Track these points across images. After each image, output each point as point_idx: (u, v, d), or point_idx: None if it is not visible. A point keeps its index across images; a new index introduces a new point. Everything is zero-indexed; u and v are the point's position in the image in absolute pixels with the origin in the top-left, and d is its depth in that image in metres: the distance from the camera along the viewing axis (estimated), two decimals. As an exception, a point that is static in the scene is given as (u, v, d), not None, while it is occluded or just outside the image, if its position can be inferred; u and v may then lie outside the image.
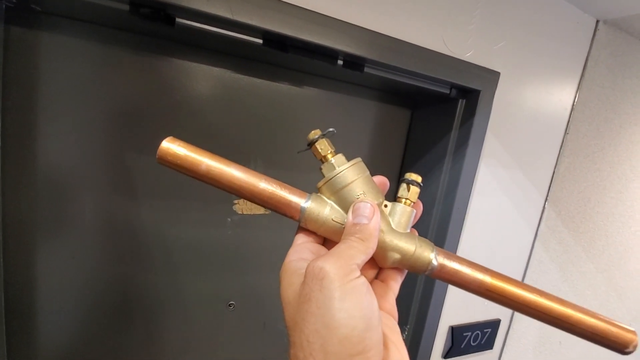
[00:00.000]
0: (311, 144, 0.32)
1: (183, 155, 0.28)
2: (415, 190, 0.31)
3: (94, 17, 0.53)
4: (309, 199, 0.29)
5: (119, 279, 0.65)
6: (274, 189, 0.29)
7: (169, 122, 0.62)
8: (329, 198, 0.30)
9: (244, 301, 0.76)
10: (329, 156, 0.31)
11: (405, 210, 0.30)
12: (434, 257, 0.29)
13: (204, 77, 0.63)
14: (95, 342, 0.66)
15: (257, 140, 0.69)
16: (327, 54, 0.56)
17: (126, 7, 0.44)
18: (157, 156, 0.28)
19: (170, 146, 0.28)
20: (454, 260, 0.30)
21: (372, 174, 0.33)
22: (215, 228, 0.70)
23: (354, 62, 0.58)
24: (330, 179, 0.30)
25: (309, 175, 0.75)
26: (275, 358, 0.84)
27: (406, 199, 0.31)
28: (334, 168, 0.30)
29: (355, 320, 0.22)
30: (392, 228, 0.29)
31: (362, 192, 0.29)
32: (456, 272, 0.29)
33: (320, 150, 0.31)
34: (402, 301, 0.80)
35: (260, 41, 0.51)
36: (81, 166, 0.58)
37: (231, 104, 0.66)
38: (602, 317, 0.29)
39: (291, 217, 0.30)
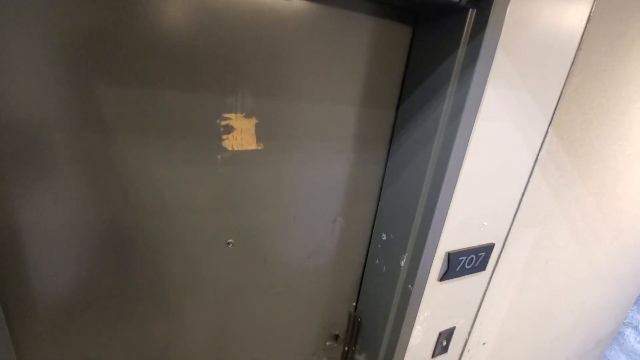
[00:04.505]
0: None
1: None
2: None
3: None
4: None
5: (109, 224, 0.62)
6: None
7: (140, 46, 0.53)
8: None
9: (243, 238, 0.75)
10: None
11: None
12: None
13: (173, -12, 0.53)
14: (92, 289, 0.64)
15: (240, 66, 0.61)
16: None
17: None
18: None
19: None
20: None
21: (369, 99, 0.28)
22: (205, 167, 0.65)
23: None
24: None
25: (302, 103, 0.69)
26: (279, 291, 0.86)
27: None
28: None
29: None
30: None
31: None
32: None
33: None
34: (401, 229, 0.80)
35: None
36: (44, 102, 0.51)
37: (207, 24, 0.56)
38: None
39: None
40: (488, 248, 0.90)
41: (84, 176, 0.57)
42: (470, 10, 0.60)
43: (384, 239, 0.87)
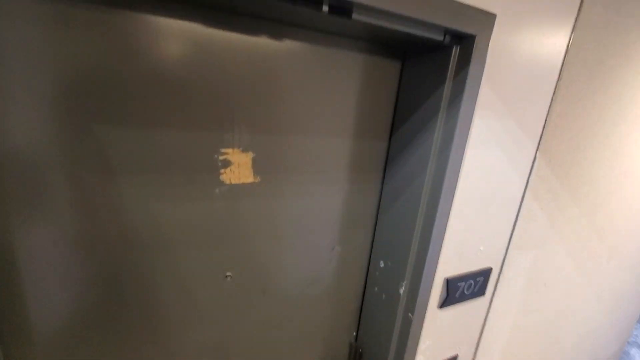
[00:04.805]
0: None
1: None
2: None
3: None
4: None
5: (107, 259, 0.62)
6: None
7: (138, 87, 0.56)
8: None
9: (241, 271, 0.75)
10: None
11: None
12: None
13: (172, 33, 0.56)
14: (88, 323, 0.64)
15: (237, 102, 0.64)
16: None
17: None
18: None
19: None
20: None
21: (362, 131, 0.30)
22: (203, 200, 0.66)
23: (341, 7, 0.52)
24: None
25: (297, 137, 0.71)
26: (279, 322, 0.85)
27: None
28: None
29: None
30: None
31: None
32: None
33: None
34: (399, 256, 0.80)
35: (234, -14, 0.45)
36: (45, 142, 0.52)
37: (205, 62, 0.59)
38: None
39: None
40: (486, 272, 0.91)
41: (83, 213, 0.58)
42: (454, 47, 0.64)
43: (382, 266, 0.87)
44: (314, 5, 0.50)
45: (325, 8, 0.51)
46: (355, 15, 0.53)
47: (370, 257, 0.92)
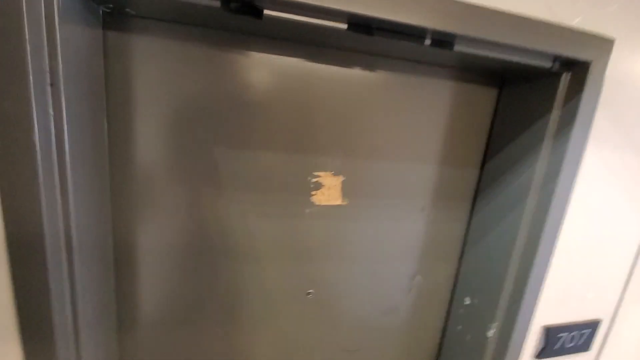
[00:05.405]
0: None
1: None
2: None
3: (184, 18, 0.54)
4: None
5: (207, 263, 0.69)
6: None
7: (251, 115, 0.63)
8: None
9: (323, 289, 0.77)
10: None
11: None
12: None
13: (282, 69, 0.62)
14: (182, 320, 0.71)
15: (332, 129, 0.68)
16: (414, 34, 0.51)
17: (217, 4, 0.44)
18: None
19: None
20: None
21: (452, 158, 0.29)
22: (294, 219, 0.70)
23: (443, 40, 0.53)
24: None
25: (386, 163, 0.72)
26: (353, 348, 0.84)
27: None
28: None
29: None
30: None
31: None
32: None
33: None
34: (488, 295, 0.74)
35: (345, 26, 0.49)
36: (174, 159, 0.62)
37: (305, 93, 0.65)
38: None
39: None
40: (593, 324, 0.79)
41: (192, 220, 0.66)
42: (564, 74, 0.60)
43: (467, 303, 0.81)
44: (416, 40, 0.52)
45: (426, 42, 0.53)
46: (457, 47, 0.54)
47: (454, 291, 0.86)
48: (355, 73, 0.67)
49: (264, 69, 0.62)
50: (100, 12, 0.52)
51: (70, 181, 0.45)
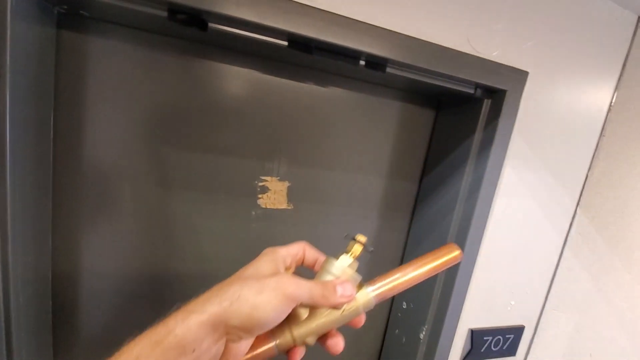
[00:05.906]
0: (353, 239, 0.41)
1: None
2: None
3: (135, 23, 0.58)
4: None
5: (152, 262, 0.70)
6: None
7: (201, 120, 0.66)
8: None
9: (266, 292, 0.79)
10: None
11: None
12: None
13: (234, 78, 0.67)
14: (130, 323, 0.71)
15: (282, 137, 0.72)
16: (350, 55, 0.57)
17: (164, 14, 0.48)
18: None
19: None
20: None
21: (394, 172, 0.35)
22: (241, 220, 0.73)
23: (376, 63, 0.59)
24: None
25: (331, 172, 0.77)
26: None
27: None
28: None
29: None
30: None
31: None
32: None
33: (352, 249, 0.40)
34: (421, 299, 0.80)
35: (286, 43, 0.54)
36: (122, 159, 0.64)
37: (258, 102, 0.69)
38: (431, 255, 0.42)
39: None
40: (517, 330, 0.85)
41: (141, 221, 0.68)
42: (485, 100, 0.67)
43: (404, 307, 0.86)
44: (352, 61, 0.58)
45: (361, 63, 0.59)
46: (389, 70, 0.60)
47: (394, 297, 0.91)
48: (307, 87, 0.72)
49: (217, 77, 0.66)
50: (55, 12, 0.55)
51: (9, 181, 0.46)
